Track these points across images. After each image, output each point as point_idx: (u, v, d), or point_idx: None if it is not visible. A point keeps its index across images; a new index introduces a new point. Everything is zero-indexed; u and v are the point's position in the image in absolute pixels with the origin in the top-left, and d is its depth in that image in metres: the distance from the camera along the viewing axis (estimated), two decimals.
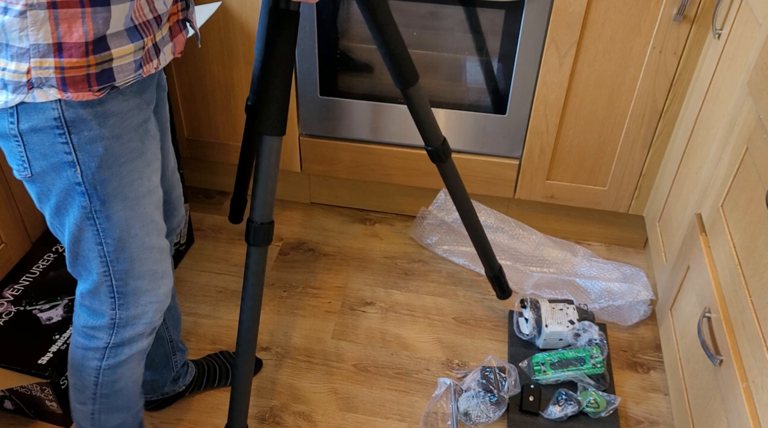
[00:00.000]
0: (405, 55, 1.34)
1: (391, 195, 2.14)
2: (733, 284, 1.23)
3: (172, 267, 1.39)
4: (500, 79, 1.79)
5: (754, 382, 1.10)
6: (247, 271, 1.29)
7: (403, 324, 1.83)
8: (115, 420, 1.28)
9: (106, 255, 1.08)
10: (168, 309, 1.45)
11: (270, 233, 1.27)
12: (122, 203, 1.04)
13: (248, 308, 1.31)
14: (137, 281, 1.12)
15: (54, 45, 0.88)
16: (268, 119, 1.19)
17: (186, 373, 1.58)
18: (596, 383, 1.63)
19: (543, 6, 1.63)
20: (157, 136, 1.08)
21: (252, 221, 1.25)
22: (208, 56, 1.87)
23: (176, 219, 1.35)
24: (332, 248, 2.06)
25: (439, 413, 1.61)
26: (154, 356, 1.49)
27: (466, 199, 1.57)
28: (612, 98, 1.75)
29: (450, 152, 1.50)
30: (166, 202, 1.29)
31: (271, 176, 1.23)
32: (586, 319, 1.73)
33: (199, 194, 2.24)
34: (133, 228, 1.07)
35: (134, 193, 1.04)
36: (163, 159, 1.23)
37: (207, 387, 1.64)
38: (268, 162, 1.21)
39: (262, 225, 1.25)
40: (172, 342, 1.49)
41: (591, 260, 1.97)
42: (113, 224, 1.05)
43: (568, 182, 1.93)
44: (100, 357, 1.18)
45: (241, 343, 1.33)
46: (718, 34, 1.52)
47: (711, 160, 1.46)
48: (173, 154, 1.28)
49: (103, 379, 1.21)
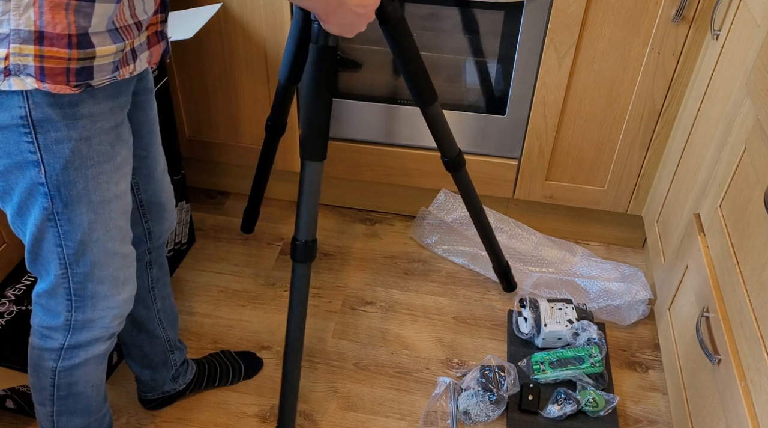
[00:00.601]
0: (426, 77, 1.44)
1: (391, 195, 2.15)
2: (731, 283, 1.23)
3: (156, 272, 1.40)
4: (499, 80, 1.80)
5: (752, 381, 1.10)
6: (293, 287, 1.37)
7: (403, 324, 1.84)
8: (75, 423, 1.26)
9: (65, 258, 1.06)
10: (164, 309, 1.45)
11: (313, 250, 1.36)
12: (86, 206, 1.02)
13: (295, 321, 1.39)
14: (97, 286, 1.10)
15: (35, 33, 0.87)
16: (311, 147, 1.28)
17: (186, 371, 1.58)
18: (595, 382, 1.64)
19: (542, 7, 1.64)
20: (129, 141, 1.06)
21: (297, 240, 1.34)
22: (209, 57, 1.88)
23: (167, 222, 1.34)
24: (333, 247, 2.07)
25: (439, 412, 1.62)
26: (152, 355, 1.49)
27: (478, 203, 1.68)
28: (611, 99, 1.75)
29: (464, 162, 1.60)
30: (156, 204, 1.29)
31: (314, 198, 1.32)
32: (584, 318, 1.73)
33: (201, 194, 2.25)
34: (96, 232, 1.05)
35: (99, 197, 1.03)
36: (151, 161, 1.22)
37: (208, 386, 1.64)
38: (311, 186, 1.30)
39: (306, 243, 1.34)
40: (169, 341, 1.49)
41: (590, 260, 1.97)
42: (75, 226, 1.03)
43: (567, 183, 1.94)
44: (56, 358, 1.17)
45: (289, 352, 1.41)
46: (717, 35, 1.52)
47: (709, 160, 1.47)
48: (162, 156, 1.27)
49: (59, 381, 1.20)
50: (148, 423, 1.58)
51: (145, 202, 1.27)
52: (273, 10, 1.75)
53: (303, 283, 1.37)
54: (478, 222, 1.71)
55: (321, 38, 1.22)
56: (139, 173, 1.22)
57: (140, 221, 1.29)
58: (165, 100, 1.73)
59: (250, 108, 1.96)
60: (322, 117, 1.27)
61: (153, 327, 1.45)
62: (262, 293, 1.91)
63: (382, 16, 1.34)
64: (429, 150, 1.96)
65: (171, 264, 1.93)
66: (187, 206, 1.94)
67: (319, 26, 1.21)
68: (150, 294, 1.41)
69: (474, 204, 1.67)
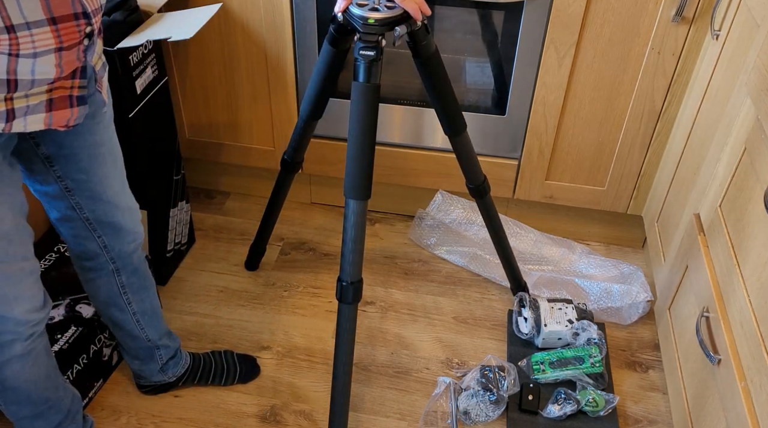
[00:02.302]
0: (456, 108, 1.44)
1: (391, 195, 2.15)
2: (731, 283, 1.23)
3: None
4: (499, 80, 1.80)
5: (752, 381, 1.10)
6: (339, 327, 1.36)
7: (403, 324, 1.84)
8: (24, 412, 1.30)
9: None
10: (142, 312, 1.47)
11: (359, 291, 1.34)
12: None
13: (342, 363, 1.38)
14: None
15: None
16: (356, 185, 1.26)
17: (176, 365, 1.60)
18: (595, 382, 1.64)
19: (542, 7, 1.64)
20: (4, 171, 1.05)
21: (342, 280, 1.32)
22: (209, 57, 1.88)
23: (127, 237, 1.34)
24: (333, 247, 2.07)
25: (439, 412, 1.62)
26: (137, 350, 1.53)
27: (501, 229, 1.69)
28: (611, 99, 1.75)
29: (489, 188, 1.61)
30: (110, 223, 1.29)
31: (360, 236, 1.29)
32: (584, 318, 1.73)
33: (200, 195, 2.25)
34: None
35: None
36: (94, 185, 1.22)
37: (200, 382, 1.65)
38: (356, 225, 1.28)
39: (352, 284, 1.32)
40: (150, 340, 1.51)
41: (589, 257, 1.97)
42: None
43: (567, 183, 1.94)
44: None
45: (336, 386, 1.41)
46: (717, 35, 1.52)
47: (709, 160, 1.47)
48: (117, 180, 1.27)
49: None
50: (148, 423, 1.58)
51: (94, 220, 1.28)
52: (273, 10, 1.75)
53: (351, 325, 1.35)
54: (500, 248, 1.72)
55: (364, 75, 1.20)
56: (80, 195, 1.23)
57: (92, 237, 1.30)
58: (165, 100, 1.73)
59: (250, 108, 1.96)
60: (368, 156, 1.25)
61: (131, 327, 1.48)
62: (262, 293, 1.91)
63: (416, 50, 1.34)
64: (429, 150, 1.96)
65: (171, 264, 1.93)
66: (187, 206, 1.94)
67: (364, 64, 1.19)
68: (122, 298, 1.43)
69: (497, 230, 1.68)
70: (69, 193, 1.22)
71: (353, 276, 1.32)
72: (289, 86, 1.88)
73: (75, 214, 1.25)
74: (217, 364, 1.66)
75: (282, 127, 1.97)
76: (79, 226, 1.28)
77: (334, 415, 1.44)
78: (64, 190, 1.21)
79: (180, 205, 1.90)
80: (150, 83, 1.65)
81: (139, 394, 1.64)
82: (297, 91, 1.89)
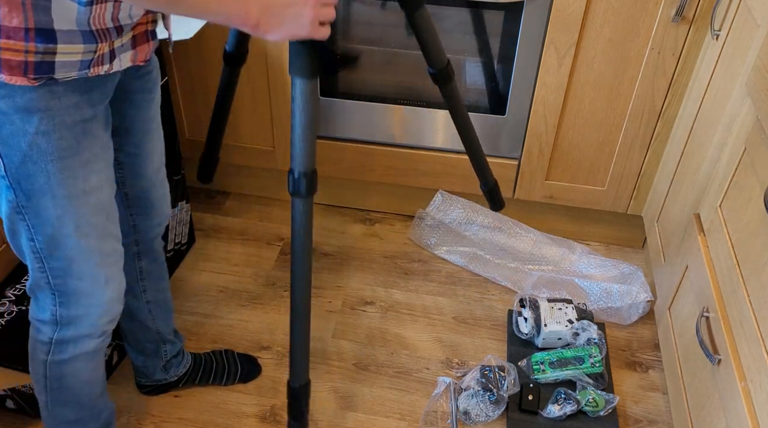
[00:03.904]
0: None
1: (391, 195, 2.15)
2: (731, 283, 1.23)
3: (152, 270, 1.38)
4: (499, 80, 1.80)
5: (752, 381, 1.10)
6: (294, 224, 1.21)
7: (402, 324, 1.84)
8: (69, 416, 1.27)
9: (39, 252, 1.05)
10: (155, 302, 1.46)
11: (314, 183, 1.18)
12: (51, 201, 1.00)
13: (299, 263, 1.22)
14: (77, 282, 1.09)
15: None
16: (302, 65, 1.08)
17: (179, 364, 1.60)
18: (595, 382, 1.64)
19: (542, 7, 1.64)
20: (103, 137, 1.04)
21: (293, 171, 1.17)
22: (209, 57, 1.88)
23: (156, 219, 1.34)
24: (332, 247, 2.07)
25: (439, 412, 1.62)
26: (144, 343, 1.51)
27: (467, 119, 1.44)
28: (611, 99, 1.75)
29: (453, 73, 1.38)
30: (145, 200, 1.29)
31: (309, 122, 1.12)
32: (584, 318, 1.74)
33: (200, 194, 2.25)
34: (66, 227, 1.03)
35: (65, 192, 1.00)
36: (142, 160, 1.22)
37: (202, 382, 1.64)
38: (305, 107, 1.11)
39: (305, 175, 1.17)
40: (159, 333, 1.50)
41: (589, 257, 1.97)
42: (43, 220, 1.01)
43: (567, 183, 1.94)
44: (46, 351, 1.17)
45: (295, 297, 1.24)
46: (717, 35, 1.52)
47: (709, 160, 1.47)
48: (159, 155, 1.27)
49: (50, 373, 1.20)
50: (148, 423, 1.58)
51: (131, 196, 1.27)
52: None
53: (305, 219, 1.19)
54: (466, 139, 1.46)
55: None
56: (126, 169, 1.22)
57: (125, 214, 1.29)
58: (165, 100, 1.73)
59: (249, 108, 1.96)
60: None
61: (143, 317, 1.46)
62: (262, 293, 1.91)
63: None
64: (429, 150, 1.96)
65: (171, 264, 1.93)
66: (187, 206, 1.94)
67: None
68: (139, 285, 1.41)
69: (463, 120, 1.44)
70: (119, 165, 1.21)
71: (306, 166, 1.16)
72: (289, 86, 1.88)
73: (116, 188, 1.22)
74: (218, 364, 1.66)
75: (282, 127, 1.97)
76: (116, 201, 1.25)
77: (295, 346, 1.30)
78: (116, 162, 1.19)
79: (180, 205, 1.90)
80: None
81: (139, 394, 1.64)
82: None
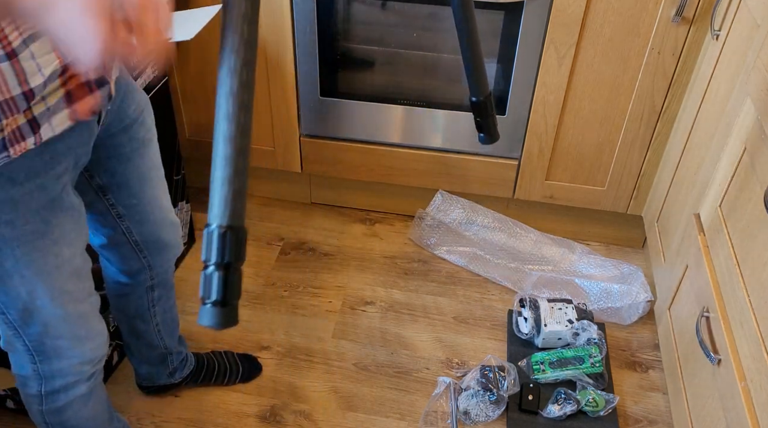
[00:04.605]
0: None
1: (391, 195, 2.15)
2: (731, 283, 1.23)
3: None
4: (499, 80, 1.80)
5: (752, 381, 1.10)
6: None
7: (402, 324, 1.84)
8: None
9: (12, 322, 1.02)
10: (163, 321, 1.45)
11: None
12: (20, 280, 0.96)
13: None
14: (55, 341, 1.06)
15: None
16: None
17: (183, 367, 1.60)
18: (595, 382, 1.64)
19: (542, 7, 1.64)
20: (74, 204, 0.99)
21: None
22: (209, 58, 1.88)
23: (170, 253, 1.33)
24: (332, 247, 2.07)
25: (439, 412, 1.62)
26: (149, 356, 1.51)
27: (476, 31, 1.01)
28: (611, 99, 1.75)
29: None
30: (155, 242, 1.27)
31: None
32: (584, 318, 1.73)
33: (200, 194, 2.24)
34: (39, 300, 1.00)
35: (34, 270, 0.96)
36: (144, 207, 1.20)
37: (204, 382, 1.65)
38: None
39: None
40: (166, 347, 1.51)
41: (589, 257, 1.97)
42: (13, 298, 0.98)
43: (567, 182, 1.94)
44: (39, 402, 1.15)
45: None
46: (717, 35, 1.52)
47: (709, 160, 1.47)
48: (162, 198, 1.24)
49: (50, 420, 1.18)
50: (148, 423, 1.58)
51: (141, 242, 1.26)
52: (273, 10, 1.75)
53: None
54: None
55: None
56: (129, 219, 1.21)
57: (138, 258, 1.28)
58: (165, 100, 1.73)
59: None
60: None
61: (151, 338, 1.46)
62: (262, 293, 1.91)
63: None
64: (429, 150, 1.96)
65: None
66: (187, 206, 1.94)
67: None
68: (150, 312, 1.41)
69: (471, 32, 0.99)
70: (120, 219, 1.20)
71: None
72: (289, 86, 1.88)
73: (123, 238, 1.23)
74: (220, 364, 1.66)
75: (282, 127, 1.97)
76: (125, 249, 1.25)
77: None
78: (115, 217, 1.19)
79: (180, 205, 1.90)
80: (150, 83, 1.65)
81: (139, 394, 1.64)
82: (297, 91, 1.89)
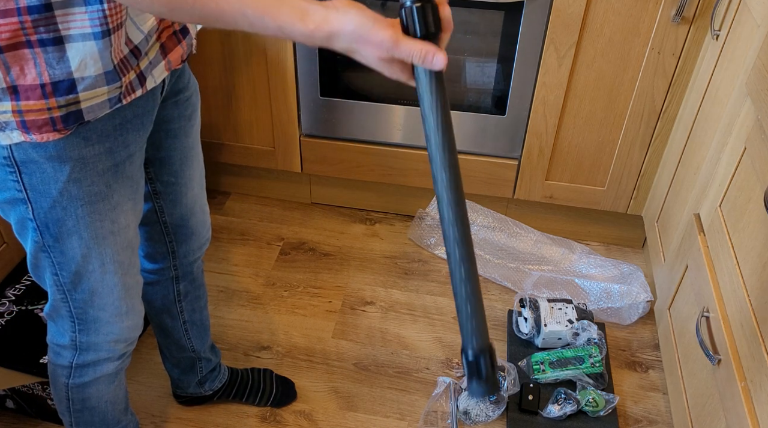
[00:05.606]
0: None
1: (391, 195, 2.15)
2: (731, 283, 1.23)
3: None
4: (499, 80, 1.80)
5: (752, 381, 1.10)
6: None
7: (403, 324, 1.84)
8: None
9: (62, 285, 1.05)
10: (192, 322, 1.44)
11: None
12: (78, 241, 1.00)
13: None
14: (98, 312, 1.09)
15: (9, 89, 0.84)
16: None
17: (215, 379, 1.57)
18: (595, 382, 1.64)
19: (542, 7, 1.64)
20: (135, 176, 1.03)
21: None
22: (209, 58, 1.88)
23: (195, 243, 1.33)
24: (332, 247, 2.07)
25: (439, 412, 1.62)
26: (180, 359, 1.50)
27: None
28: (611, 99, 1.75)
29: None
30: (184, 228, 1.28)
31: None
32: (584, 318, 1.73)
33: None
34: (91, 265, 1.03)
35: (92, 233, 1.00)
36: (180, 188, 1.21)
37: (236, 398, 1.61)
38: None
39: None
40: (195, 351, 1.49)
41: (589, 257, 1.97)
42: (68, 259, 1.01)
43: (567, 183, 1.94)
44: (67, 374, 1.17)
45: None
46: (717, 35, 1.52)
47: (709, 160, 1.47)
48: (197, 182, 1.25)
49: (72, 396, 1.20)
50: (148, 423, 1.58)
51: (170, 224, 1.26)
52: None
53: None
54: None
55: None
56: (164, 198, 1.21)
57: (164, 241, 1.28)
58: None
59: (249, 108, 1.96)
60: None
61: (179, 336, 1.45)
62: (262, 293, 1.91)
63: None
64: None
65: None
66: None
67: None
68: (176, 306, 1.41)
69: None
70: (155, 196, 1.20)
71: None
72: (289, 86, 1.88)
73: (155, 217, 1.23)
74: (254, 382, 1.62)
75: (282, 127, 1.97)
76: (154, 230, 1.25)
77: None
78: (152, 193, 1.19)
79: None
80: None
81: (139, 394, 1.64)
82: (297, 91, 1.89)
